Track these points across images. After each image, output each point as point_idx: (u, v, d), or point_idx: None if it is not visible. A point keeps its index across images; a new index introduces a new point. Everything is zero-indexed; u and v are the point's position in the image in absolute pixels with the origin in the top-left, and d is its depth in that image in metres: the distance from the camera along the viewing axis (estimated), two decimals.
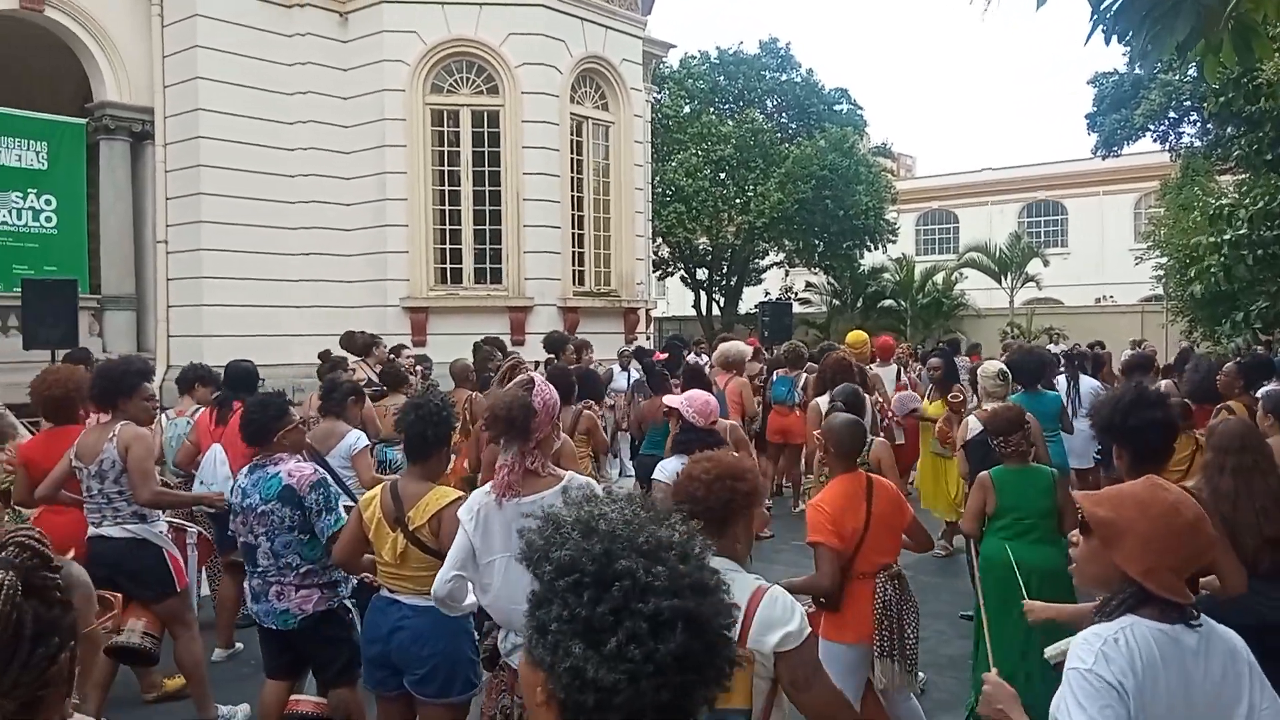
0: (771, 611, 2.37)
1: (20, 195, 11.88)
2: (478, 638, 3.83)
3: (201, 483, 5.52)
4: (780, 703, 2.44)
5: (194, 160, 12.34)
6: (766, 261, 29.96)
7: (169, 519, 4.97)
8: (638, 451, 8.07)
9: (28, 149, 11.96)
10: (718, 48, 29.02)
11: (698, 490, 2.56)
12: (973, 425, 5.98)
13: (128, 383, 4.68)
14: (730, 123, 26.18)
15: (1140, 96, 20.85)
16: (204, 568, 6.12)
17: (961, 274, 27.73)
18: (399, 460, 6.42)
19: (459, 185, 13.09)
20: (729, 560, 2.49)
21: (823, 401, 7.02)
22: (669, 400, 5.31)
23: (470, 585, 3.26)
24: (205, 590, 6.30)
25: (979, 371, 6.78)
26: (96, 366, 4.87)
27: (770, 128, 27.06)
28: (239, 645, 5.98)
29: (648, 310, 15.77)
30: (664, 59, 20.73)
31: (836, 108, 28.89)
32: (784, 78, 28.61)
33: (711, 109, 27.28)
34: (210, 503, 5.21)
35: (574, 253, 13.74)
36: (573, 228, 13.68)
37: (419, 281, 12.90)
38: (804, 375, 9.50)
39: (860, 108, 29.85)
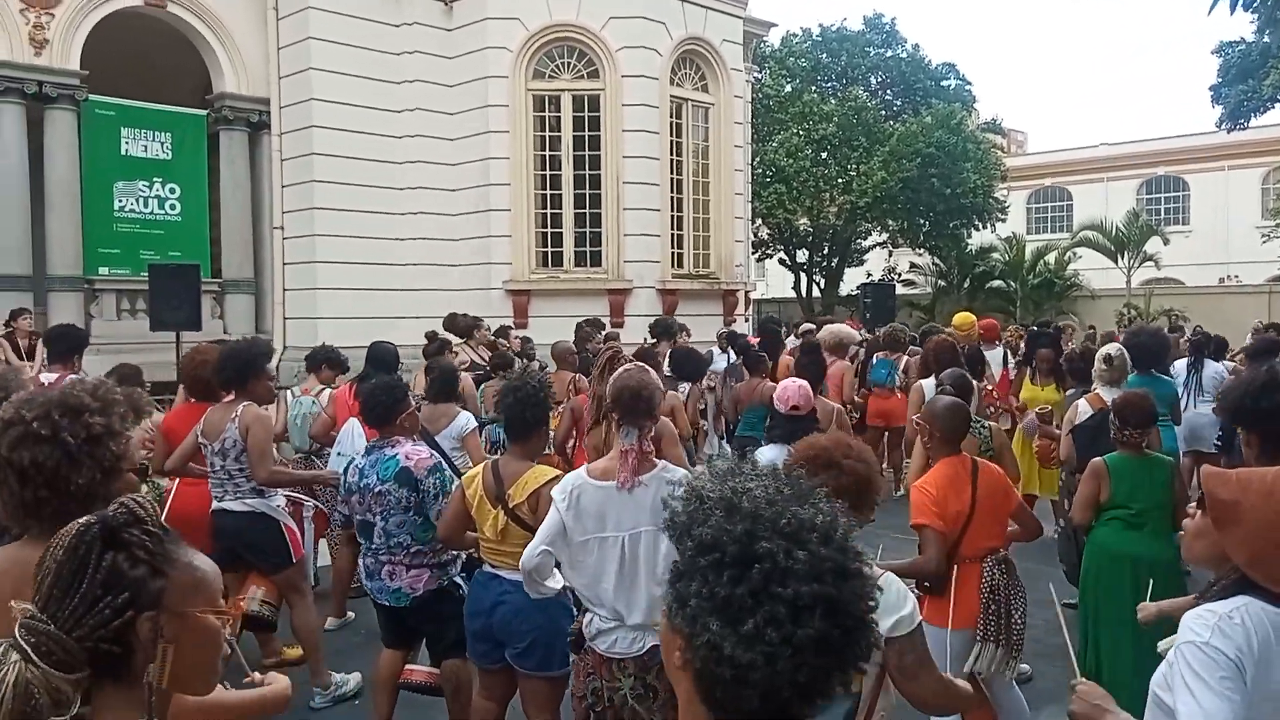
0: (885, 597, 2.35)
1: (147, 184, 12.49)
2: (577, 614, 3.93)
3: (340, 454, 5.77)
4: (887, 689, 2.45)
5: (307, 149, 12.77)
6: (869, 242, 29.44)
7: (286, 493, 5.19)
8: (733, 434, 8.08)
9: (153, 140, 12.56)
10: (820, 25, 28.60)
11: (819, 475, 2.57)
12: (1082, 409, 5.80)
13: (255, 365, 4.93)
14: (833, 101, 25.75)
15: (1269, 66, 19.69)
16: (321, 539, 6.40)
17: (1075, 254, 26.77)
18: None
19: (560, 169, 13.23)
20: None
21: (926, 385, 6.90)
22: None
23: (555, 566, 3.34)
24: (324, 560, 6.58)
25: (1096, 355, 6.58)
26: (223, 349, 5.11)
27: (874, 105, 26.53)
28: (351, 615, 6.23)
29: (746, 292, 15.69)
30: (765, 38, 20.49)
31: (944, 83, 28.13)
32: (889, 54, 27.98)
33: (813, 87, 26.87)
34: (325, 482, 5.45)
35: (673, 235, 13.75)
36: (672, 210, 13.70)
37: (521, 265, 13.11)
38: (905, 358, 9.34)
39: (969, 83, 29.01)
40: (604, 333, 9.69)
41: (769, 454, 4.51)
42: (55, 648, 1.29)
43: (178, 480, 5.15)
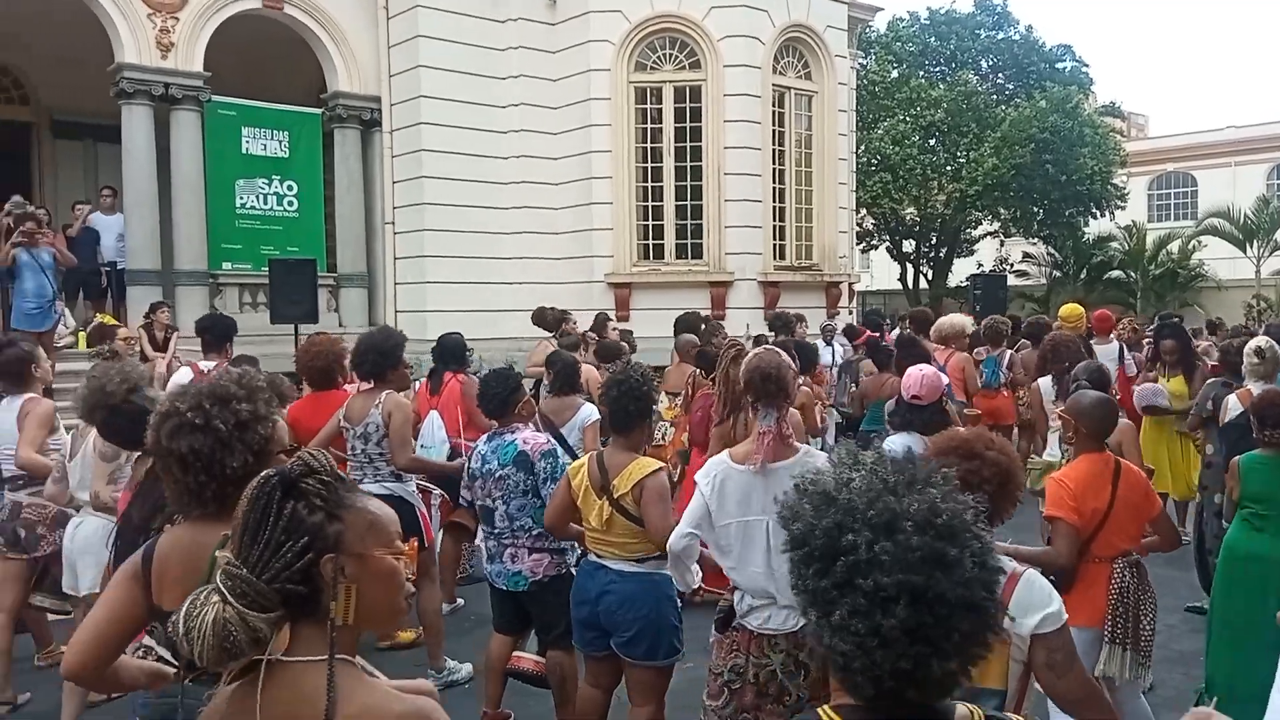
0: (1029, 594, 2.36)
1: (266, 181, 12.98)
2: (681, 605, 3.95)
3: (423, 446, 5.91)
4: (1030, 687, 2.43)
5: (416, 145, 13.09)
6: (979, 231, 28.64)
7: (419, 481, 5.37)
8: (855, 428, 7.95)
9: (271, 139, 13.04)
10: (928, 8, 27.96)
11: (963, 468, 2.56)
12: (1232, 405, 5.57)
13: (394, 355, 5.13)
14: (941, 86, 25.14)
15: None
16: (443, 528, 6.58)
17: (1200, 242, 25.57)
18: None
19: (661, 161, 13.25)
20: None
21: (1043, 384, 6.70)
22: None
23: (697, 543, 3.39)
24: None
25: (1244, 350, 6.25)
26: (363, 340, 5.29)
27: (985, 90, 25.82)
28: (460, 601, 6.39)
29: (850, 284, 15.46)
30: (870, 23, 20.13)
31: (1059, 66, 27.18)
32: (1000, 36, 27.15)
33: (921, 72, 26.29)
34: (454, 472, 5.61)
35: (775, 226, 13.63)
36: (774, 201, 13.57)
37: (622, 257, 13.19)
38: (1008, 352, 9.01)
39: (1085, 65, 27.97)
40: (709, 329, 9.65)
41: (895, 442, 4.46)
42: (248, 589, 1.41)
43: None
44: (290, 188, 13.13)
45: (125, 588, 2.16)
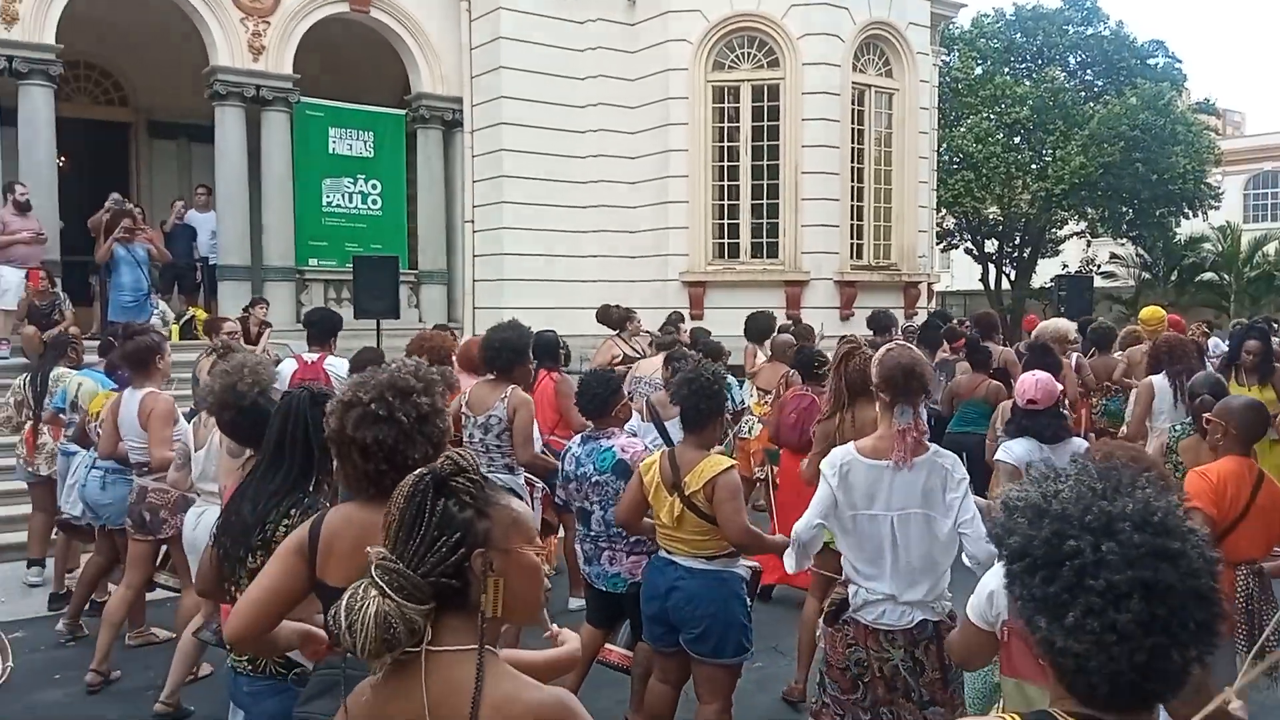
0: None
1: (351, 181, 13.32)
2: (750, 605, 3.97)
3: None
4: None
5: (497, 145, 13.28)
6: (1065, 231, 27.88)
7: (524, 474, 5.48)
8: (944, 427, 7.81)
9: (357, 139, 13.37)
10: (1014, 4, 27.21)
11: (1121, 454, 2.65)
12: None
13: (525, 353, 5.28)
14: (1027, 83, 24.54)
15: None
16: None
17: None
18: None
19: (737, 160, 13.22)
20: None
21: (1156, 381, 6.56)
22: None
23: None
24: None
25: None
26: (494, 335, 5.36)
27: (1073, 86, 25.12)
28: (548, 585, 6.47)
29: (930, 284, 15.21)
30: (953, 20, 19.76)
31: (1150, 61, 26.28)
32: (1089, 32, 26.35)
33: (1006, 69, 25.68)
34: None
35: (853, 225, 13.49)
36: (852, 200, 13.44)
37: (697, 256, 13.20)
38: (1074, 357, 8.81)
39: (1179, 60, 27.00)
40: (779, 324, 9.62)
41: (1013, 448, 4.43)
42: (405, 583, 1.48)
43: None
44: (374, 186, 13.44)
45: (289, 560, 2.24)
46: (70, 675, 5.31)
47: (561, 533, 5.90)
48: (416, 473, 1.58)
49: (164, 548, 5.32)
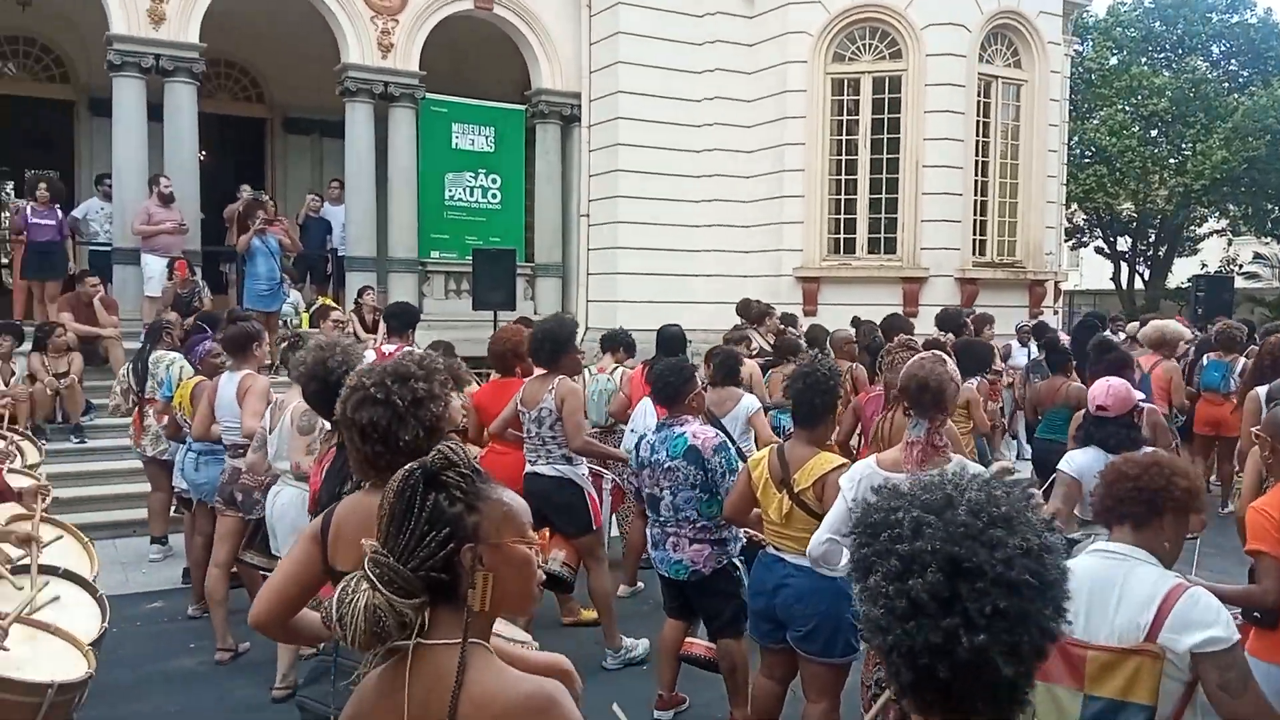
0: (1191, 611, 2.29)
1: (472, 175, 13.61)
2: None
3: (633, 430, 6.11)
4: (1194, 705, 2.35)
5: (613, 140, 13.39)
6: (1204, 229, 26.56)
7: (591, 465, 5.55)
8: (1033, 434, 7.62)
9: (478, 134, 13.65)
10: None
11: (1131, 470, 2.55)
12: None
13: (569, 342, 5.35)
14: (1166, 73, 23.41)
15: None
16: (615, 512, 6.78)
17: None
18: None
19: (856, 154, 12.99)
20: (1147, 553, 2.46)
21: (1262, 392, 6.17)
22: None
23: (844, 550, 3.35)
24: (614, 532, 6.96)
25: None
26: (538, 327, 5.57)
27: (1215, 77, 23.86)
28: (641, 585, 6.55)
29: (1057, 283, 14.67)
30: (1087, 8, 19.00)
31: None
32: (1234, 20, 24.96)
33: (1143, 59, 24.54)
34: (618, 459, 5.79)
35: (976, 221, 13.10)
36: (975, 194, 13.04)
37: (812, 251, 13.03)
38: (1241, 360, 8.37)
39: None
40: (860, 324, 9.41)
41: (1078, 459, 4.25)
42: (395, 577, 1.50)
43: (487, 448, 5.65)
44: (494, 181, 13.71)
45: (306, 549, 2.36)
46: (204, 645, 5.60)
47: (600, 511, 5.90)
48: (407, 467, 1.58)
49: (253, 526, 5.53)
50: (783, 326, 9.60)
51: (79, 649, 3.04)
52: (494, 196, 13.74)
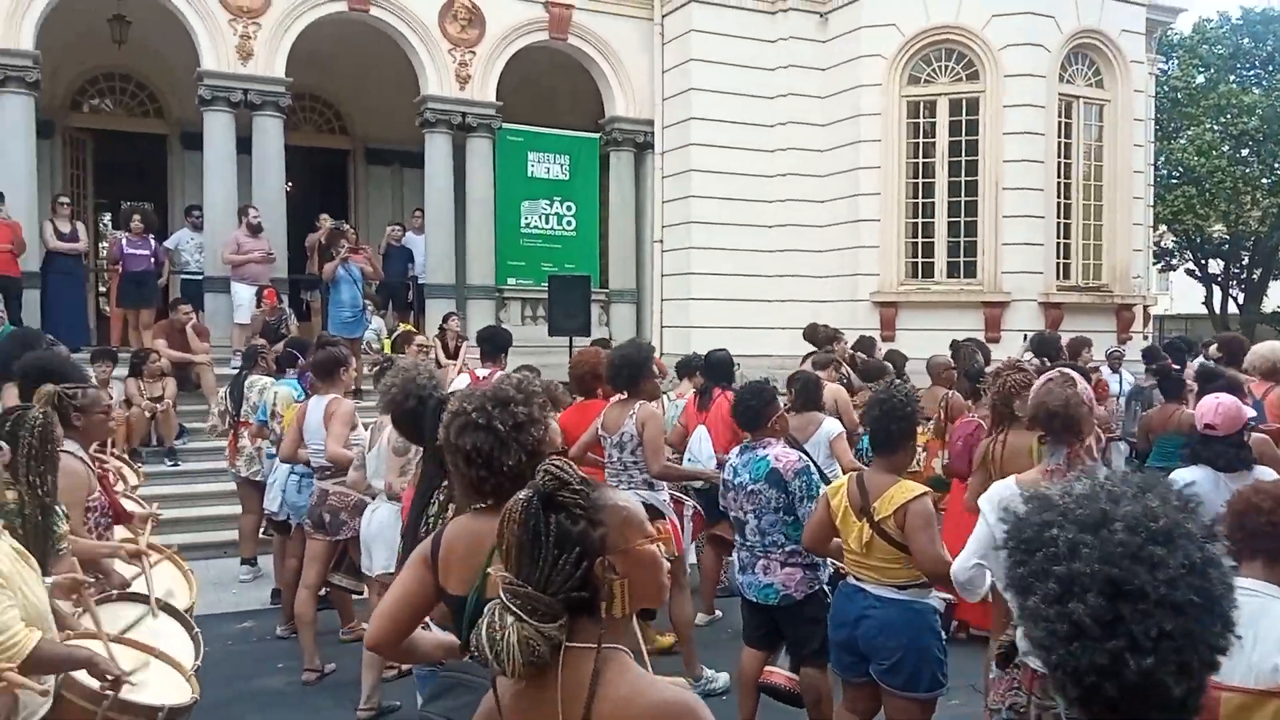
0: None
1: (548, 202, 13.80)
2: (945, 638, 3.82)
3: (689, 459, 6.08)
4: None
5: (686, 166, 13.45)
6: None
7: (672, 491, 5.55)
8: (1143, 461, 7.34)
9: (553, 162, 13.85)
10: (1241, 6, 25.26)
11: (1264, 503, 2.47)
12: None
13: (646, 367, 5.37)
14: (1256, 91, 22.71)
15: None
16: (696, 539, 6.75)
17: None
18: None
19: (933, 177, 12.83)
20: (1274, 586, 2.39)
21: None
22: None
23: (989, 573, 3.31)
24: (692, 559, 6.92)
25: None
26: (614, 353, 5.61)
27: None
28: (719, 613, 6.49)
29: (1146, 307, 14.25)
30: (1171, 25, 18.50)
31: None
32: None
33: (1232, 76, 23.83)
34: (707, 478, 5.76)
35: (1059, 244, 12.81)
36: (1058, 217, 12.76)
37: (890, 276, 12.88)
38: None
39: None
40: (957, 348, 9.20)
41: (1185, 476, 4.11)
42: (538, 605, 1.52)
43: None
44: (569, 208, 13.87)
45: (416, 571, 2.39)
46: (291, 665, 5.71)
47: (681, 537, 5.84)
48: (522, 494, 1.60)
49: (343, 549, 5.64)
50: (851, 352, 9.46)
51: (183, 674, 3.13)
52: (569, 223, 13.89)
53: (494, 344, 7.43)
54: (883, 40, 12.80)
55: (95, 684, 2.73)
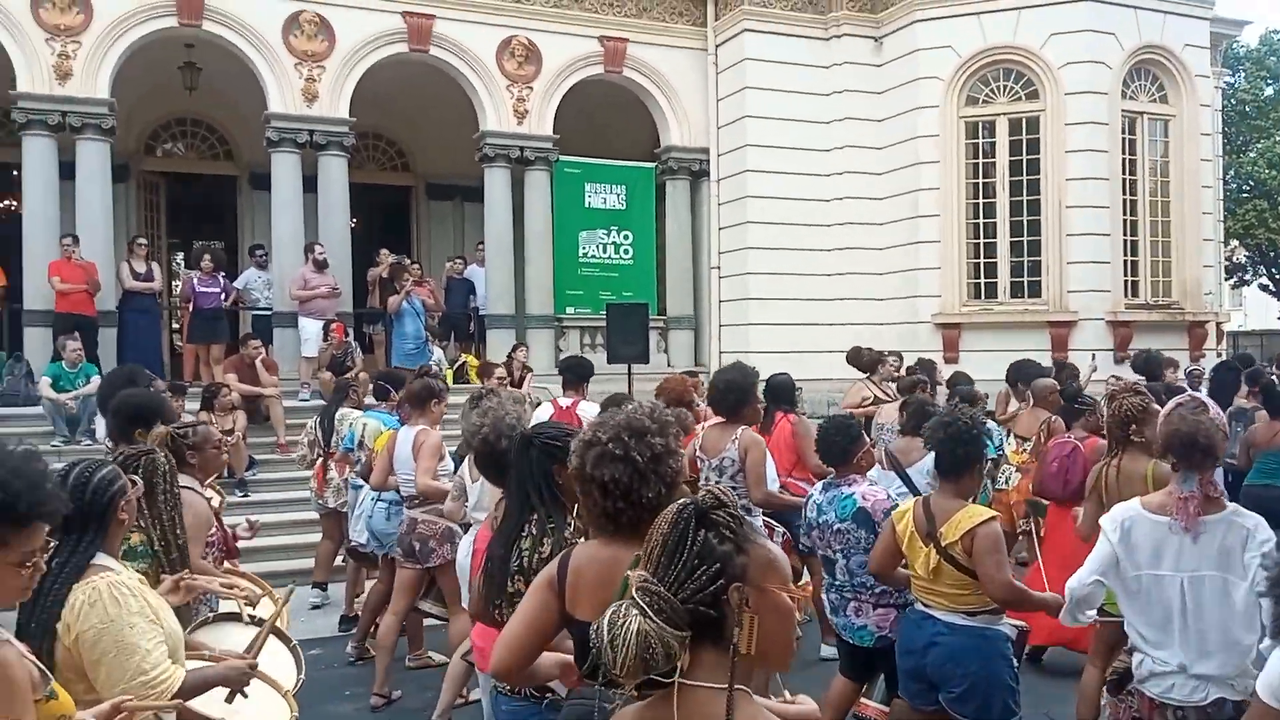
0: None
1: (605, 232, 13.92)
2: (1017, 666, 3.74)
3: None
4: None
5: (742, 192, 13.47)
6: None
7: (764, 517, 5.52)
8: (1240, 480, 7.11)
9: (610, 193, 13.97)
10: None
11: None
12: None
13: (751, 393, 5.39)
14: None
15: None
16: None
17: None
18: None
19: (994, 197, 12.69)
20: None
21: None
22: None
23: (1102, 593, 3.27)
24: None
25: None
26: (719, 377, 5.59)
27: None
28: (798, 633, 6.39)
29: (1219, 323, 13.86)
30: (1237, 38, 18.13)
31: None
32: None
33: None
34: (796, 508, 5.73)
35: (1126, 261, 12.56)
36: (1125, 234, 12.52)
37: (951, 297, 12.73)
38: None
39: None
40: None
41: None
42: (665, 605, 1.51)
43: None
44: (626, 237, 13.97)
45: (541, 597, 2.37)
46: (359, 692, 5.78)
47: (806, 577, 5.82)
48: (679, 502, 1.61)
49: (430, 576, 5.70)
50: (898, 373, 9.34)
51: (283, 696, 3.19)
52: (626, 252, 13.99)
53: (576, 373, 7.48)
54: (939, 62, 12.73)
55: (206, 709, 2.78)
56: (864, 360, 9.43)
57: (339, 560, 7.65)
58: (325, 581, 7.78)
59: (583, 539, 2.59)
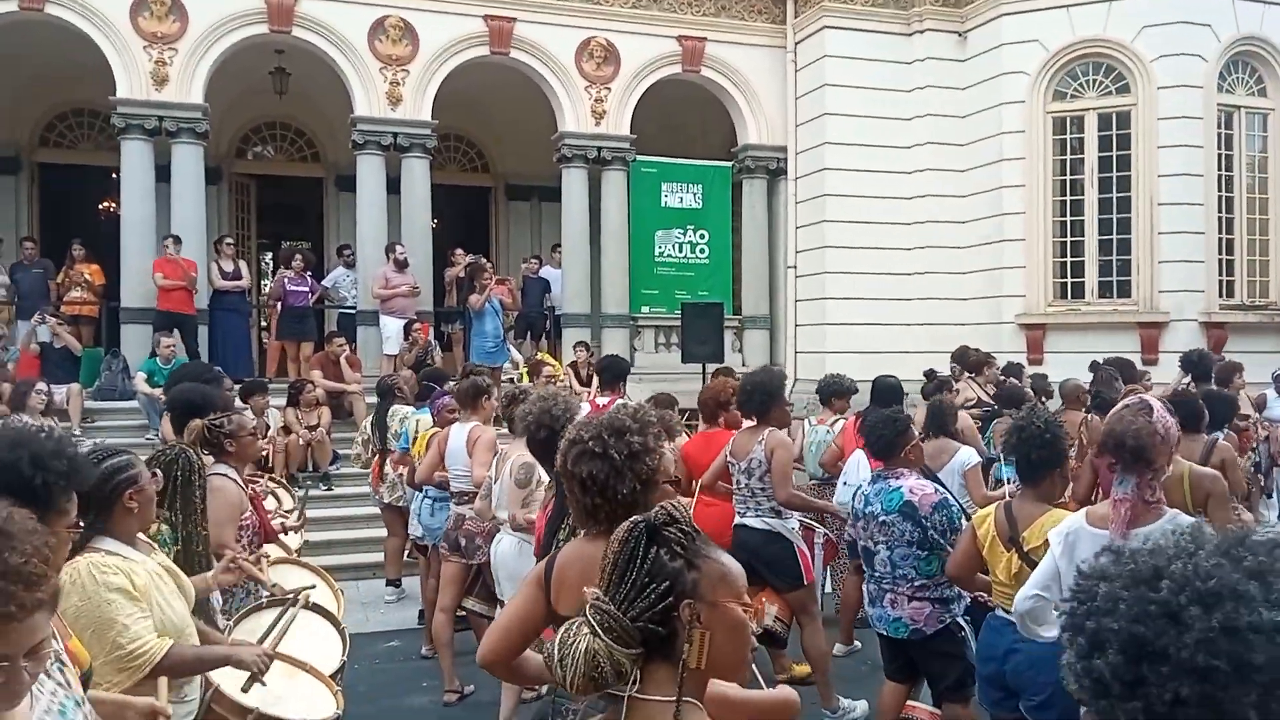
0: None
1: (681, 231, 13.92)
2: None
3: (845, 483, 6.02)
4: None
5: (820, 191, 13.34)
6: None
7: (801, 519, 5.49)
8: None
9: (686, 192, 13.97)
10: None
11: None
12: None
13: (778, 394, 5.38)
14: None
15: None
16: (828, 567, 6.65)
17: None
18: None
19: (1081, 194, 12.34)
20: None
21: None
22: None
23: (1052, 609, 3.17)
24: (828, 588, 6.81)
25: None
26: (747, 379, 5.63)
27: None
28: (858, 644, 6.35)
29: None
30: None
31: None
32: None
33: None
34: (834, 514, 5.70)
35: (1222, 260, 12.10)
36: (1220, 232, 12.07)
37: (1036, 297, 12.42)
38: None
39: None
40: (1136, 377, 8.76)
41: None
42: (615, 624, 1.53)
43: (695, 498, 5.70)
44: (702, 236, 13.96)
45: (530, 593, 2.45)
46: (434, 685, 5.89)
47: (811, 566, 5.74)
48: (632, 519, 1.61)
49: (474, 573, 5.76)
50: (1003, 377, 9.15)
51: (330, 689, 3.27)
52: (702, 251, 13.97)
53: (612, 372, 7.60)
54: (1025, 56, 12.43)
55: (243, 698, 2.87)
56: (970, 360, 9.30)
57: (409, 555, 7.79)
58: (398, 578, 7.94)
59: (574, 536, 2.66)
